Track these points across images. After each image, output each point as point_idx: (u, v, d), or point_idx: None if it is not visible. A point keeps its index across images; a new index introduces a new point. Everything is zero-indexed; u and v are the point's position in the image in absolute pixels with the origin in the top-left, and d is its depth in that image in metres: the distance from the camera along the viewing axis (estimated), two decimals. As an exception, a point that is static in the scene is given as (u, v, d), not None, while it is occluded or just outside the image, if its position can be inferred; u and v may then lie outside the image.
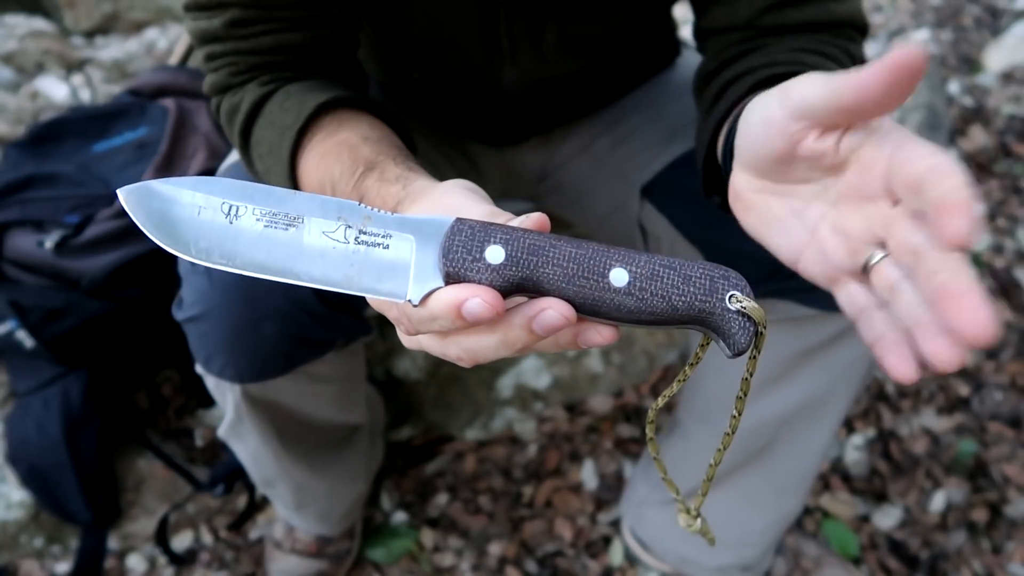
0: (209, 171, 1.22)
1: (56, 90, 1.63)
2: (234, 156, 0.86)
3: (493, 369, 1.39)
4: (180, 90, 1.37)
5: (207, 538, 1.28)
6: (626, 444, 1.39)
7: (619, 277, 0.42)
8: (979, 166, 1.87)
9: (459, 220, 0.43)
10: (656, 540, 1.16)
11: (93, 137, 1.30)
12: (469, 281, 0.42)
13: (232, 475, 1.25)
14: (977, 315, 0.37)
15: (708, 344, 0.47)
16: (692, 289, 0.42)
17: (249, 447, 0.97)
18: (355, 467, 1.13)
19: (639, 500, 1.16)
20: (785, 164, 0.47)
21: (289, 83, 0.68)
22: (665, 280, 0.42)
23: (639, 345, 1.43)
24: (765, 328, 0.43)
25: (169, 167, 1.23)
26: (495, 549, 1.27)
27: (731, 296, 0.42)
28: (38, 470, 1.18)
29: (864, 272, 0.45)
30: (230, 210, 0.43)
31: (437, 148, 0.93)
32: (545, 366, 1.40)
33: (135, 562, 1.25)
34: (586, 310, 0.42)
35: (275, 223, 0.43)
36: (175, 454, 1.30)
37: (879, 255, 0.44)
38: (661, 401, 0.49)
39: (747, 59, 0.69)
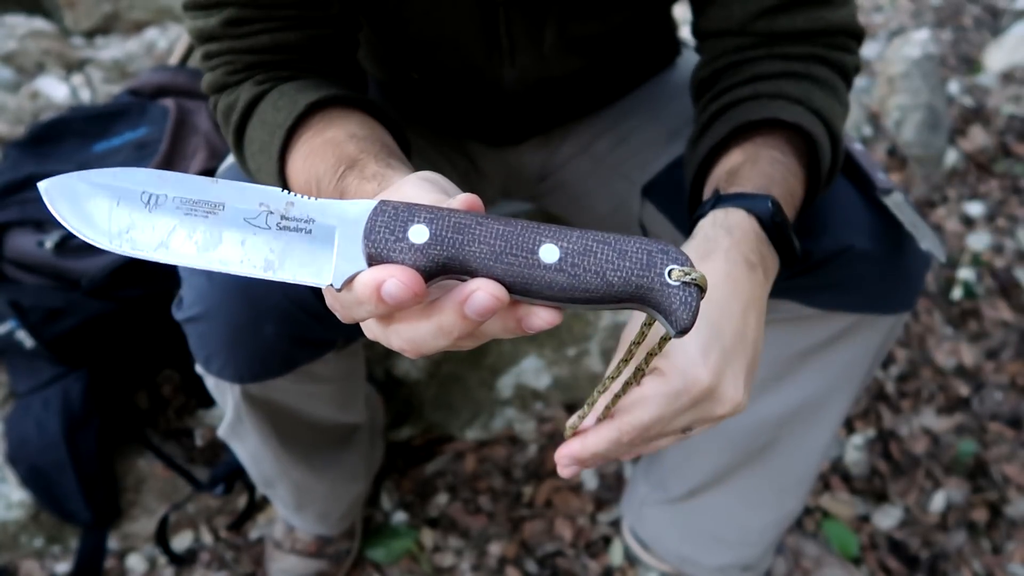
0: (209, 171, 1.22)
1: (56, 90, 1.63)
2: (233, 156, 0.86)
3: (493, 369, 1.39)
4: (180, 90, 1.37)
5: (207, 538, 1.28)
6: (626, 444, 1.39)
7: (549, 253, 0.40)
8: (979, 166, 1.87)
9: (383, 202, 0.42)
10: (656, 540, 1.16)
11: (93, 137, 1.30)
12: (392, 262, 0.41)
13: (232, 475, 1.25)
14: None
15: (653, 323, 0.45)
16: (628, 264, 0.40)
17: (249, 447, 0.97)
18: (355, 467, 1.13)
19: (639, 500, 1.16)
20: None
21: (285, 82, 0.68)
22: (599, 255, 0.40)
23: (639, 345, 1.43)
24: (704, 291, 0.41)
25: (169, 167, 1.23)
26: (495, 549, 1.27)
27: (670, 270, 0.40)
28: (38, 470, 1.18)
29: None
30: (149, 199, 0.43)
31: (437, 148, 0.93)
32: (545, 366, 1.40)
33: (135, 562, 1.25)
34: (518, 290, 0.41)
35: (194, 211, 0.43)
36: (175, 454, 1.30)
37: None
38: (609, 383, 0.49)
39: (736, 74, 0.71)
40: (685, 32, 0.93)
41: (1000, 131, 1.92)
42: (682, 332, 0.41)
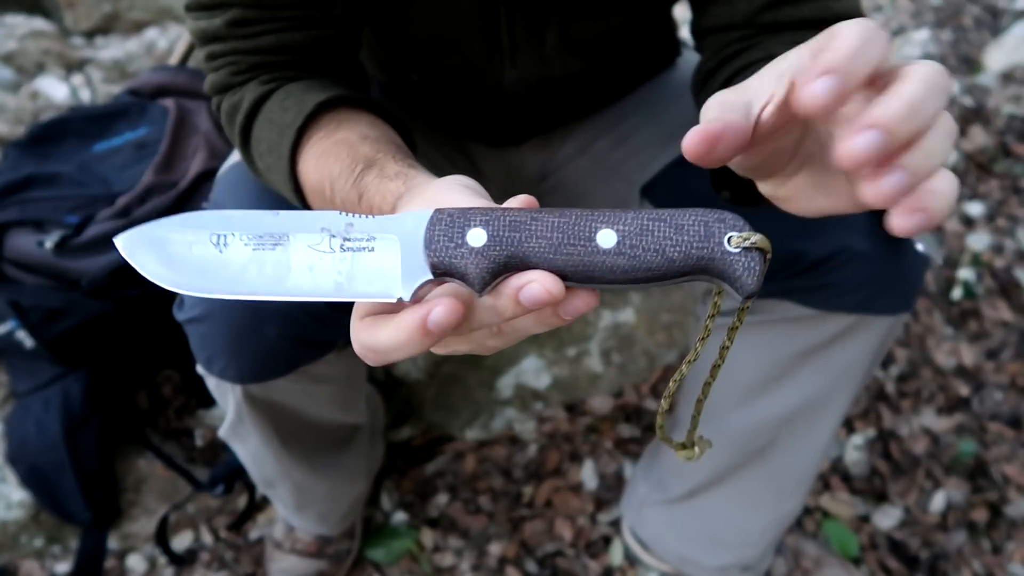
0: (209, 171, 1.22)
1: (56, 90, 1.63)
2: (236, 156, 0.86)
3: (493, 369, 1.39)
4: (180, 90, 1.37)
5: (207, 538, 1.28)
6: (626, 444, 1.39)
7: (607, 238, 0.41)
8: (979, 166, 1.87)
9: (438, 210, 0.43)
10: (656, 540, 1.16)
11: (93, 137, 1.30)
12: (455, 268, 0.42)
13: (232, 475, 1.25)
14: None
15: (722, 292, 0.45)
16: (686, 238, 0.41)
17: (250, 448, 0.97)
18: (355, 467, 1.13)
19: (639, 500, 1.16)
20: (772, 157, 0.46)
21: (289, 82, 0.68)
22: (656, 233, 0.41)
23: (639, 345, 1.43)
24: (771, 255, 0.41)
25: (169, 167, 1.23)
26: (495, 549, 1.27)
27: (729, 238, 0.41)
28: (38, 470, 1.18)
29: None
30: (218, 240, 0.44)
31: (438, 149, 0.93)
32: (545, 366, 1.40)
33: (135, 562, 1.25)
34: (579, 278, 0.41)
35: (262, 245, 0.44)
36: (175, 454, 1.30)
37: None
38: (686, 368, 0.47)
39: (745, 55, 0.70)
40: (685, 32, 0.92)
41: (1000, 131, 1.92)
42: (748, 296, 0.41)
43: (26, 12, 1.96)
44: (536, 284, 0.41)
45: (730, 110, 0.42)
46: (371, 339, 0.44)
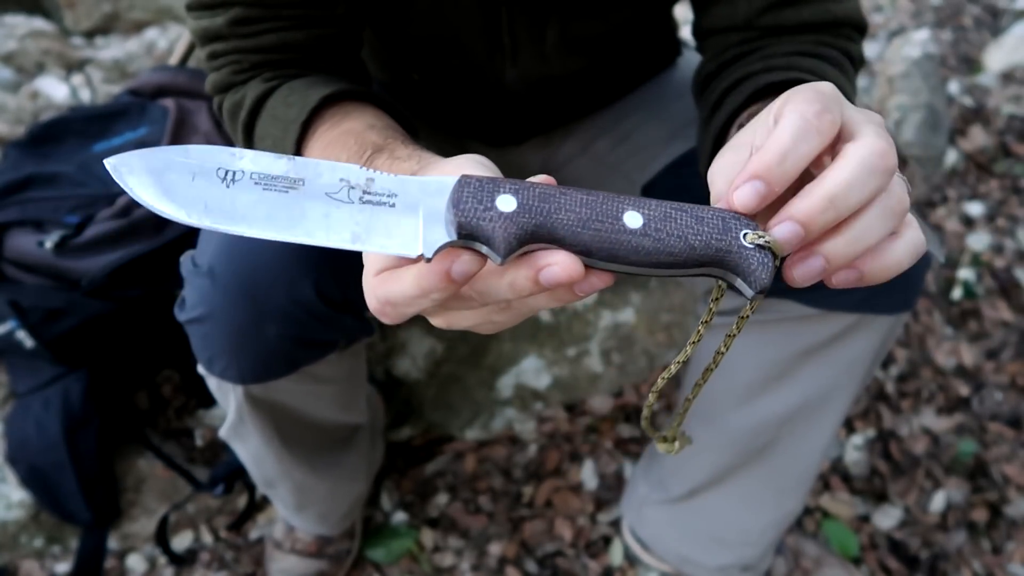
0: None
1: (56, 90, 1.63)
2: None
3: (493, 369, 1.39)
4: (180, 90, 1.37)
5: (207, 538, 1.28)
6: (626, 444, 1.39)
7: (633, 219, 0.42)
8: (979, 166, 1.87)
9: (465, 176, 0.43)
10: (656, 540, 1.16)
11: (93, 137, 1.30)
12: (482, 231, 0.41)
13: (232, 475, 1.25)
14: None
15: (724, 290, 0.46)
16: (706, 229, 0.42)
17: (251, 448, 0.97)
18: (356, 467, 1.13)
19: (639, 500, 1.16)
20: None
21: (292, 80, 0.68)
22: (679, 221, 0.42)
23: (639, 345, 1.43)
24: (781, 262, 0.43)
25: (169, 167, 1.23)
26: (495, 549, 1.27)
27: (745, 234, 0.42)
28: (38, 470, 1.18)
29: None
30: (225, 175, 0.43)
31: (438, 148, 0.92)
32: (545, 366, 1.40)
33: (135, 562, 1.25)
34: (603, 255, 0.42)
35: (273, 186, 0.43)
36: (175, 454, 1.30)
37: None
38: (674, 367, 0.48)
39: (744, 63, 0.70)
40: (685, 32, 0.92)
41: (1000, 131, 1.92)
42: (760, 292, 0.42)
43: (26, 12, 1.96)
44: (558, 267, 0.41)
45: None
46: (388, 291, 0.44)
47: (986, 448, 1.38)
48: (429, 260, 0.42)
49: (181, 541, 1.28)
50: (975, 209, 1.78)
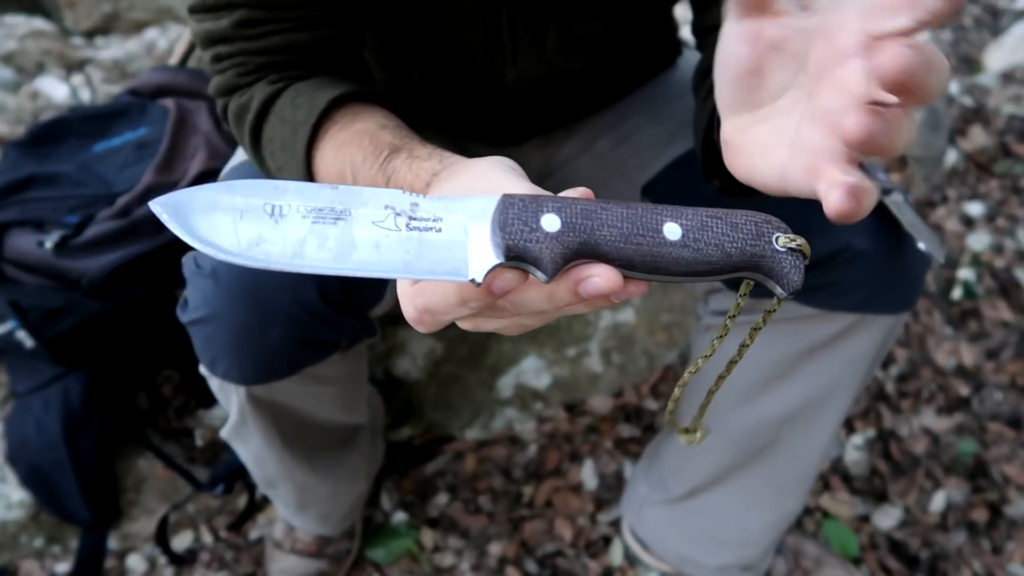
0: (210, 171, 1.22)
1: (56, 90, 1.63)
2: (238, 157, 0.85)
3: (493, 369, 1.39)
4: (180, 90, 1.37)
5: (207, 538, 1.28)
6: (626, 444, 1.39)
7: (672, 231, 0.42)
8: (979, 166, 1.87)
9: (507, 195, 0.43)
10: (656, 540, 1.16)
11: (93, 137, 1.30)
12: (529, 252, 0.42)
13: (232, 475, 1.25)
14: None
15: (749, 289, 0.47)
16: (741, 235, 0.43)
17: (252, 448, 0.97)
18: (356, 467, 1.13)
19: (639, 500, 1.16)
20: (756, 77, 0.45)
21: (298, 81, 0.68)
22: (715, 230, 0.43)
23: (639, 345, 1.43)
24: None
25: (169, 167, 1.23)
26: (495, 549, 1.27)
27: (777, 237, 0.43)
28: (38, 470, 1.18)
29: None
30: (273, 210, 0.42)
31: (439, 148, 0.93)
32: (545, 366, 1.40)
33: (135, 562, 1.25)
34: (646, 268, 0.43)
35: (322, 218, 0.43)
36: (175, 454, 1.30)
37: None
38: (702, 361, 0.49)
39: None
40: (686, 32, 0.92)
41: (1000, 131, 1.92)
42: (793, 294, 0.44)
43: (26, 12, 1.96)
44: (599, 279, 0.42)
45: None
46: (428, 302, 0.44)
47: (986, 448, 1.38)
48: (479, 284, 0.42)
49: (181, 541, 1.28)
50: (975, 209, 1.78)
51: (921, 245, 0.80)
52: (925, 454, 1.38)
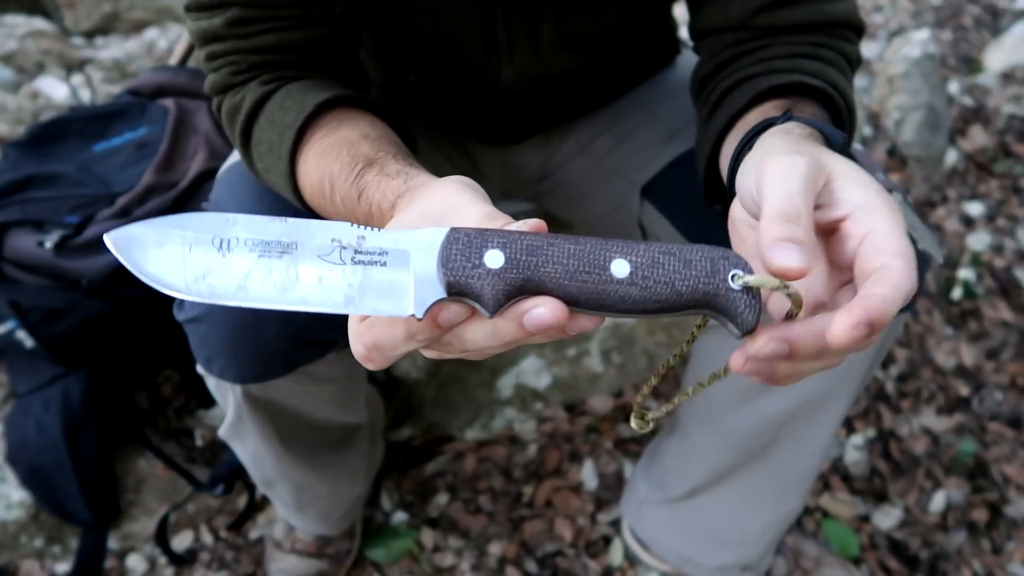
0: (209, 171, 1.22)
1: (56, 90, 1.63)
2: (236, 155, 0.86)
3: (493, 369, 1.39)
4: (180, 90, 1.37)
5: (207, 538, 1.28)
6: (626, 444, 1.39)
7: (620, 268, 0.42)
8: (979, 166, 1.87)
9: (454, 230, 0.43)
10: (656, 540, 1.16)
11: (93, 137, 1.30)
12: (471, 288, 0.42)
13: (232, 475, 1.25)
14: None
15: (705, 325, 0.46)
16: (694, 273, 0.42)
17: (250, 447, 0.97)
18: (355, 467, 1.13)
19: (639, 500, 1.16)
20: None
21: (290, 82, 0.68)
22: (666, 266, 0.42)
23: (639, 345, 1.43)
24: (799, 308, 0.43)
25: (169, 167, 1.23)
26: (495, 549, 1.27)
27: (733, 275, 0.42)
28: (38, 470, 1.18)
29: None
30: (221, 243, 0.42)
31: (437, 148, 0.93)
32: (545, 366, 1.40)
33: (135, 562, 1.25)
34: (591, 305, 0.42)
35: (268, 251, 0.43)
36: (175, 454, 1.30)
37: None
38: (655, 380, 0.49)
39: (743, 63, 0.70)
40: (684, 32, 0.92)
41: (1000, 131, 1.92)
42: (747, 333, 0.42)
43: (26, 12, 1.96)
44: (543, 309, 0.41)
45: None
46: (375, 338, 0.44)
47: (986, 448, 1.38)
48: (420, 320, 0.42)
49: (181, 541, 1.28)
50: (975, 209, 1.78)
51: (921, 245, 0.79)
52: (925, 454, 1.38)
